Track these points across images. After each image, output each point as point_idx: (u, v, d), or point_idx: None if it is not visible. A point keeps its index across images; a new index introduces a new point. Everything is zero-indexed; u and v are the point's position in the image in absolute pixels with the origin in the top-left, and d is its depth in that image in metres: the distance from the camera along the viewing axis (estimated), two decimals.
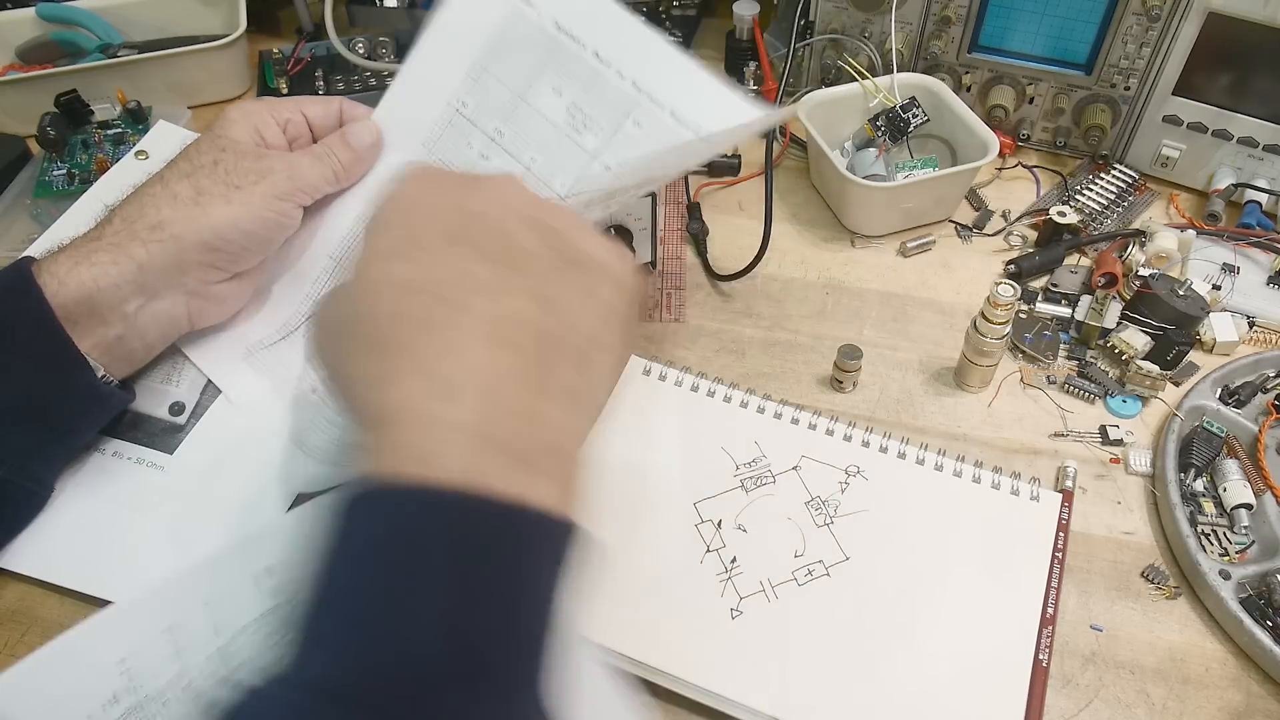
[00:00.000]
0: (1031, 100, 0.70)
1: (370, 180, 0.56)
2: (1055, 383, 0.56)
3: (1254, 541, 0.48)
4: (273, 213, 0.51)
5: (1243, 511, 0.49)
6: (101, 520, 0.49)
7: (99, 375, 0.47)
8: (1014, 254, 0.64)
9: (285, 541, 0.45)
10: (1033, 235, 0.65)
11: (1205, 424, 0.52)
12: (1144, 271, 0.59)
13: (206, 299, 0.51)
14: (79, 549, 0.48)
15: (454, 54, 0.55)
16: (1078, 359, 0.57)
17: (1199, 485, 0.50)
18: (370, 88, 0.76)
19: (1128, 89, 0.66)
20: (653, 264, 0.62)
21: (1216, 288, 0.60)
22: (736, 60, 0.76)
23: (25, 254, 0.49)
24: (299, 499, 0.49)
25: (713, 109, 0.49)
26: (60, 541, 0.48)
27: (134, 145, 0.68)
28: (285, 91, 0.77)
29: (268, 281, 0.56)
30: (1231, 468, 0.50)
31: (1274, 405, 0.52)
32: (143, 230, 0.48)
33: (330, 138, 0.55)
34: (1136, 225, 0.65)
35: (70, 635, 0.43)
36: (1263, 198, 0.64)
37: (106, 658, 0.43)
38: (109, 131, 0.72)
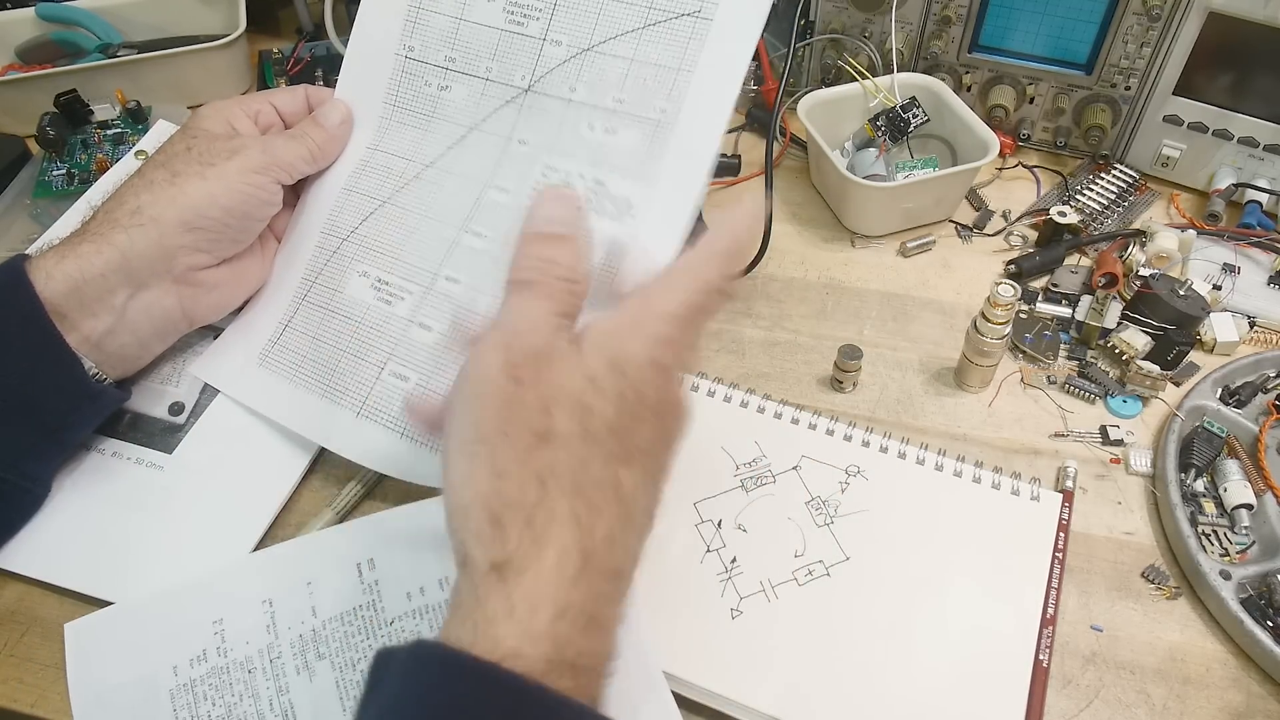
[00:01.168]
0: (1032, 100, 0.70)
1: (348, 155, 0.57)
2: (1055, 383, 0.56)
3: (1254, 542, 0.48)
4: (249, 186, 0.50)
5: (1243, 511, 0.49)
6: (101, 520, 0.49)
7: (89, 371, 0.47)
8: (1014, 254, 0.64)
9: (389, 533, 0.47)
10: (1033, 235, 0.65)
11: (1206, 424, 0.52)
12: (1144, 271, 0.59)
13: (197, 287, 0.51)
14: (78, 549, 0.48)
15: (388, 7, 0.57)
16: (1078, 359, 0.57)
17: (1199, 485, 0.50)
18: None
19: (1128, 89, 0.66)
20: None
21: (1217, 288, 0.60)
22: None
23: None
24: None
25: None
26: (60, 541, 0.48)
27: (134, 145, 0.69)
28: None
29: (261, 270, 0.55)
30: (1232, 468, 0.50)
31: (1274, 405, 0.52)
32: (123, 217, 0.48)
33: (303, 121, 0.56)
34: (1137, 225, 0.65)
35: (174, 587, 0.45)
36: (1263, 198, 0.64)
37: (204, 613, 0.45)
38: (109, 131, 0.72)
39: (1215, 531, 0.49)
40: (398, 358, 0.51)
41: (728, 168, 0.70)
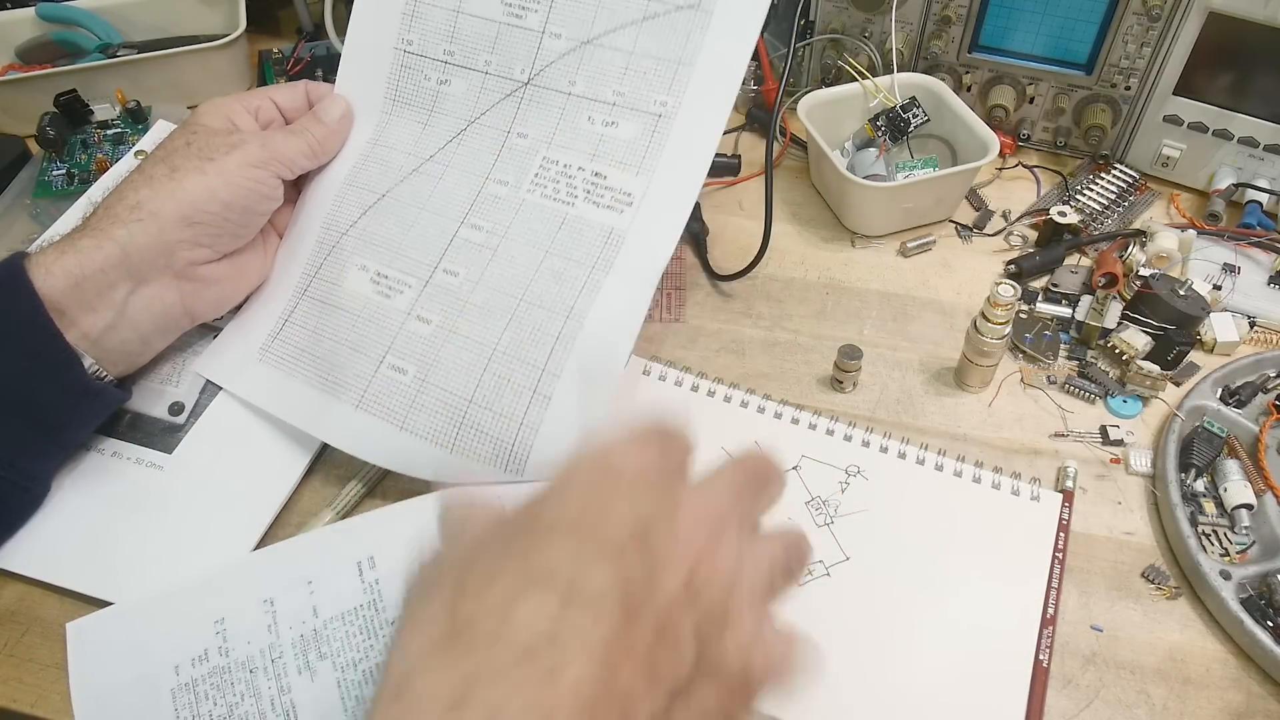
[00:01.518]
0: (1032, 100, 0.70)
1: (349, 150, 0.57)
2: (1055, 383, 0.56)
3: (1254, 542, 0.48)
4: (249, 180, 0.50)
5: (1243, 512, 0.49)
6: (101, 520, 0.49)
7: (88, 367, 0.47)
8: (1014, 254, 0.64)
9: (389, 530, 0.46)
10: (1033, 235, 0.65)
11: (1206, 424, 0.52)
12: (1144, 271, 0.59)
13: (198, 282, 0.50)
14: (78, 549, 0.48)
15: (385, 1, 0.57)
16: (1078, 359, 0.57)
17: (1199, 485, 0.50)
18: None
19: (1128, 89, 0.66)
20: None
21: (1217, 288, 0.60)
22: None
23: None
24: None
25: None
26: (59, 541, 0.48)
27: (134, 145, 0.69)
28: None
29: (263, 265, 0.55)
30: (1232, 468, 0.50)
31: (1274, 405, 0.52)
32: (122, 212, 0.48)
33: (303, 116, 0.55)
34: (1137, 225, 0.65)
35: (175, 586, 0.45)
36: (1263, 197, 0.64)
37: (206, 613, 0.44)
38: (109, 131, 0.72)
39: (1215, 531, 0.49)
40: (396, 351, 0.51)
41: (728, 168, 0.70)
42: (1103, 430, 0.53)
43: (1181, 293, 0.55)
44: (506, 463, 0.47)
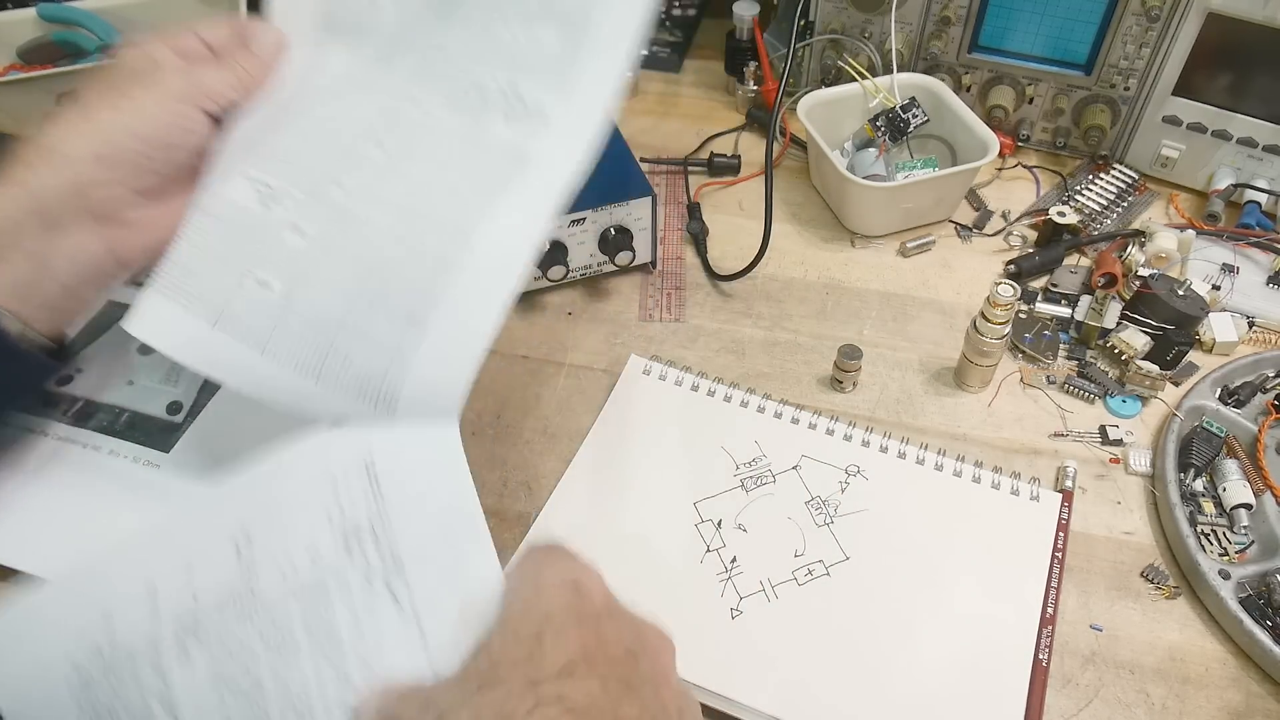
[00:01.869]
0: (1031, 100, 0.70)
1: (281, 80, 0.52)
2: (1055, 383, 0.56)
3: (1253, 541, 0.48)
4: (170, 114, 0.47)
5: (1242, 511, 0.49)
6: (98, 519, 0.49)
7: (9, 329, 0.44)
8: (1014, 254, 0.64)
9: (263, 499, 0.41)
10: (1033, 235, 0.65)
11: (1205, 424, 0.52)
12: (1144, 271, 0.59)
13: (123, 227, 0.47)
14: (75, 547, 0.48)
15: None
16: (1078, 359, 0.57)
17: (1199, 485, 0.50)
18: None
19: (1127, 89, 0.66)
20: (653, 264, 0.62)
21: (1216, 288, 0.60)
22: (736, 60, 0.76)
23: None
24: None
25: None
26: (56, 539, 0.48)
27: None
28: None
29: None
30: (1231, 468, 0.50)
31: (1273, 405, 0.52)
32: (31, 156, 0.45)
33: (233, 48, 0.51)
34: (1136, 225, 0.66)
35: (55, 582, 0.41)
36: (1262, 198, 0.64)
37: (91, 607, 0.40)
38: None
39: (1214, 531, 0.49)
40: (263, 263, 0.46)
41: (728, 167, 0.71)
42: (1102, 430, 0.53)
43: (1181, 293, 0.55)
44: (376, 398, 0.43)
